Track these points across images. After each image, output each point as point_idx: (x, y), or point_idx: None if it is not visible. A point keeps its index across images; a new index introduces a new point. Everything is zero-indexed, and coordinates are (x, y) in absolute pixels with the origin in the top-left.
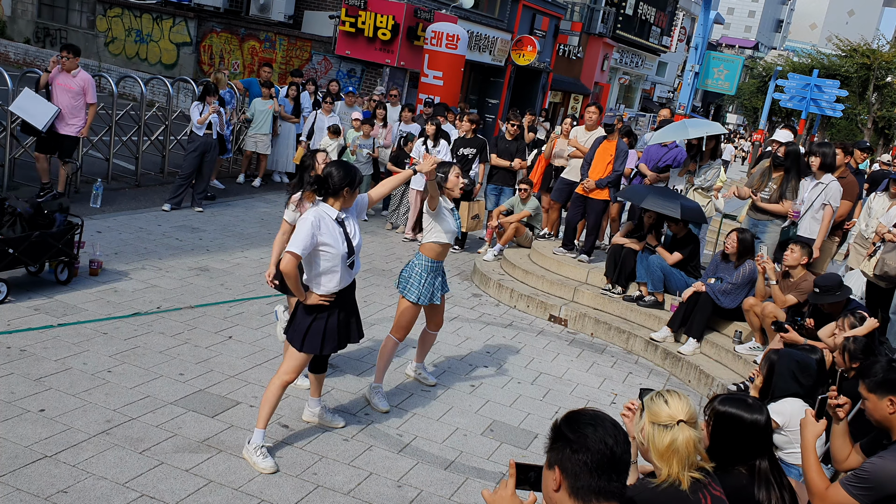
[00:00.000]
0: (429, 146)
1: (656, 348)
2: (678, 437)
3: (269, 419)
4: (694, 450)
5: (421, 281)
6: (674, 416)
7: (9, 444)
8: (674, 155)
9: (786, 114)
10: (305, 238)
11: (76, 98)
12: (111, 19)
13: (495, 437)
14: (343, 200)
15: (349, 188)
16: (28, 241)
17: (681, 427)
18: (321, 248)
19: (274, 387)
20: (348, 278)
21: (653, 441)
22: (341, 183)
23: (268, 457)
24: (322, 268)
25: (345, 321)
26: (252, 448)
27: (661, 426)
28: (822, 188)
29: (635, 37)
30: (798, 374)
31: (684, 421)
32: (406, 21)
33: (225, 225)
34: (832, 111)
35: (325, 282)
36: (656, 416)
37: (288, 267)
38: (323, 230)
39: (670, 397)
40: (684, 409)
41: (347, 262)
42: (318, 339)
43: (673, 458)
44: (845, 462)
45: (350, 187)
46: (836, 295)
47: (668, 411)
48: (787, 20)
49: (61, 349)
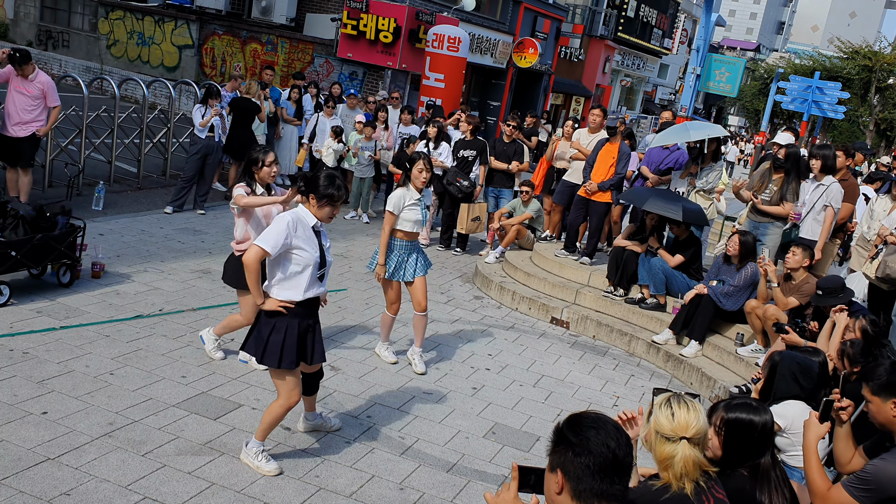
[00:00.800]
0: (430, 148)
1: (658, 351)
2: (677, 453)
3: (267, 435)
4: (693, 468)
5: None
6: (677, 431)
7: (11, 447)
8: (675, 157)
9: (787, 116)
10: (278, 236)
11: (34, 102)
12: (113, 22)
13: (497, 440)
14: (321, 210)
15: (328, 200)
16: (30, 243)
17: (682, 444)
18: (294, 251)
19: (277, 408)
20: (315, 290)
21: (653, 447)
22: (325, 190)
23: (270, 459)
24: (289, 272)
25: (303, 338)
26: (253, 452)
27: (664, 437)
28: (823, 190)
29: (637, 39)
30: (799, 377)
31: (687, 438)
32: (408, 24)
33: (227, 227)
34: (834, 113)
35: (288, 287)
36: (660, 426)
37: (251, 259)
38: (299, 233)
39: (679, 409)
40: (691, 424)
41: (318, 273)
42: (276, 353)
43: (668, 470)
44: (848, 465)
45: (329, 200)
46: (839, 297)
47: (672, 425)
48: (788, 22)
49: (64, 352)
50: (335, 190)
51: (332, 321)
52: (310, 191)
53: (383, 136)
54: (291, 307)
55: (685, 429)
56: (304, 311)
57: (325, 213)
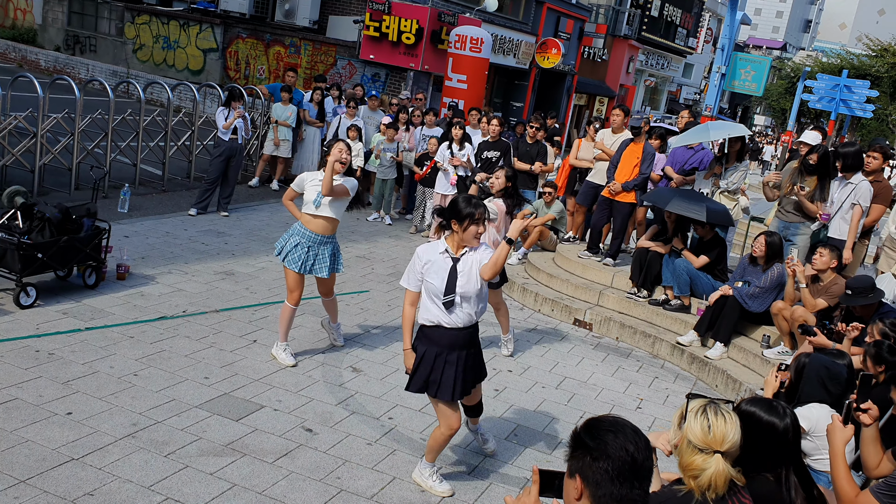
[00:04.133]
0: (454, 150)
1: (682, 352)
2: (709, 467)
3: (436, 457)
4: (723, 484)
5: (287, 242)
6: (711, 444)
7: (36, 447)
8: (700, 157)
9: (815, 115)
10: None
11: None
12: (139, 26)
13: (519, 442)
14: (467, 233)
15: (469, 220)
16: (56, 245)
17: (716, 459)
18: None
19: (439, 435)
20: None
21: (681, 454)
22: (465, 210)
23: (443, 481)
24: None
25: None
26: (427, 474)
27: (696, 447)
28: (851, 188)
29: (661, 38)
30: (827, 382)
31: (722, 453)
32: (430, 25)
33: (250, 229)
34: (862, 112)
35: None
36: (694, 436)
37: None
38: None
39: (716, 420)
40: (728, 437)
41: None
42: (436, 384)
43: (694, 480)
44: (876, 469)
45: (470, 219)
46: (869, 297)
47: (708, 437)
48: (815, 20)
49: (88, 353)
50: (473, 208)
51: (353, 322)
52: (452, 218)
53: (405, 137)
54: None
55: (721, 442)
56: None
57: (471, 232)
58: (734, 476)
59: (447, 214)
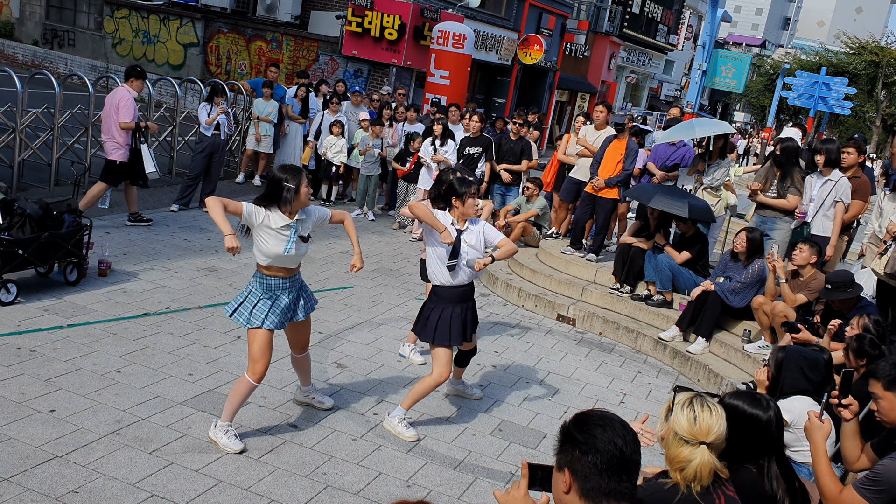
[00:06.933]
0: (437, 145)
1: (665, 347)
2: (695, 458)
3: (412, 406)
4: (708, 475)
5: (254, 301)
6: (697, 436)
7: (20, 445)
8: (682, 154)
9: (794, 112)
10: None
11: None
12: (118, 21)
13: (504, 437)
14: (467, 206)
15: (468, 194)
16: (37, 242)
17: (701, 450)
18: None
19: (429, 381)
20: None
21: (668, 447)
22: (461, 188)
23: (410, 427)
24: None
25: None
26: (396, 420)
27: (682, 439)
28: (831, 185)
29: (642, 35)
30: (806, 370)
31: (707, 444)
32: (412, 21)
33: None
34: (841, 109)
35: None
36: (681, 427)
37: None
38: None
39: (702, 412)
40: (713, 429)
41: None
42: (434, 331)
43: (680, 472)
44: (857, 463)
45: (469, 194)
46: (848, 291)
47: (693, 428)
48: (794, 18)
49: (71, 350)
50: (467, 187)
51: (338, 319)
52: (450, 196)
53: (388, 133)
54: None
55: (706, 434)
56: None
57: (470, 205)
58: (719, 468)
59: (447, 195)
